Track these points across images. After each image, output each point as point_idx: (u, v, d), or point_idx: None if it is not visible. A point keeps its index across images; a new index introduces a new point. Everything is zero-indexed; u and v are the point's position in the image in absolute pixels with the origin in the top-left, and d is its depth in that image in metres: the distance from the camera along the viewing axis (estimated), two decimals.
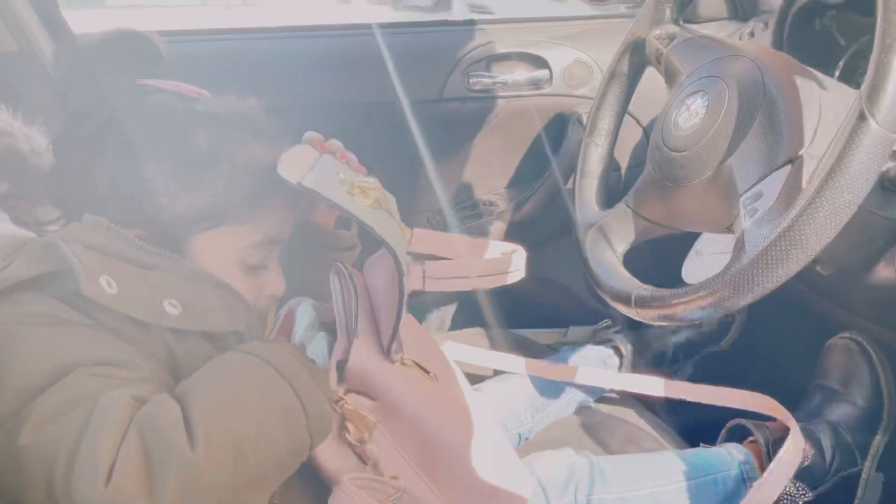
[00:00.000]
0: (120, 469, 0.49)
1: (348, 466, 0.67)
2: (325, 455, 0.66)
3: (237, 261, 0.70)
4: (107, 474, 0.48)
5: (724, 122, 0.69)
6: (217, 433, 0.52)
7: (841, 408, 1.01)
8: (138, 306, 0.59)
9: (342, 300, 0.73)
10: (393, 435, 0.71)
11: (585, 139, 0.93)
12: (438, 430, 0.71)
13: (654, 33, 0.85)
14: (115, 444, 0.50)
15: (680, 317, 0.65)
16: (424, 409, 0.72)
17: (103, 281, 0.58)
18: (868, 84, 0.51)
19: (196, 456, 0.50)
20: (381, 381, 0.70)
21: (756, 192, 0.63)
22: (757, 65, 0.70)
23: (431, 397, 0.74)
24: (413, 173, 1.27)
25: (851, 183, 0.51)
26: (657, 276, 0.80)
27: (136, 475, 0.49)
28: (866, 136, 0.50)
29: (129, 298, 0.59)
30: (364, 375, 0.69)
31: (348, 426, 0.67)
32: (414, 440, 0.71)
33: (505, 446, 0.81)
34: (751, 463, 0.91)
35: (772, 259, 0.56)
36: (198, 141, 0.67)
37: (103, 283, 0.58)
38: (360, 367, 0.69)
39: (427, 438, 0.71)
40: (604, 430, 1.03)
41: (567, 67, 1.28)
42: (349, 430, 0.67)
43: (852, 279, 0.84)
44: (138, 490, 0.49)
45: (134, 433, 0.51)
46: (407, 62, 1.23)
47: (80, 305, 0.58)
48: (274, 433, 0.56)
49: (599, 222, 0.85)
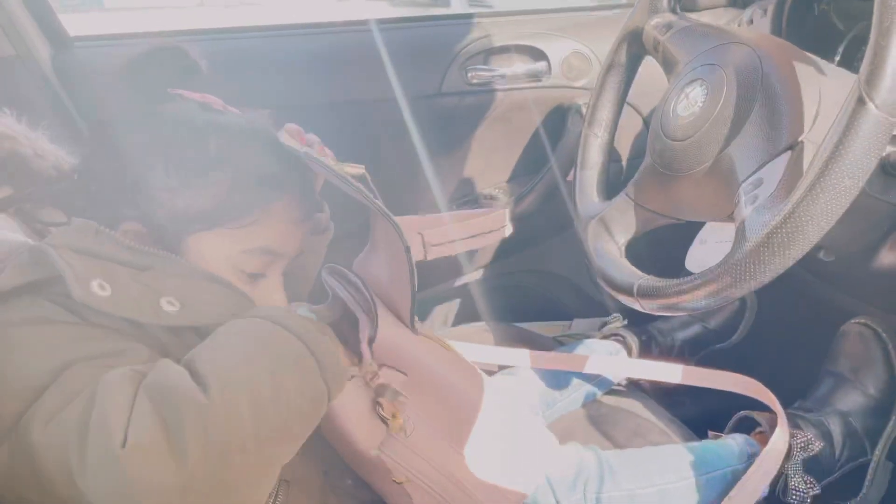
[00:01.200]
0: (135, 429, 0.48)
1: (380, 441, 0.69)
2: (359, 430, 0.69)
3: (231, 265, 0.70)
4: (122, 436, 0.47)
5: (723, 110, 0.69)
6: (228, 380, 0.52)
7: (852, 397, 1.00)
8: (134, 307, 0.59)
9: (349, 288, 0.74)
10: (423, 408, 0.73)
11: (585, 130, 0.92)
12: (465, 397, 0.75)
13: (651, 22, 0.85)
14: (125, 409, 0.49)
15: (682, 306, 0.65)
16: (451, 377, 0.76)
17: (95, 285, 0.58)
18: (866, 68, 0.50)
19: (210, 400, 0.50)
20: (409, 353, 0.74)
21: (756, 179, 0.63)
22: (755, 51, 0.69)
23: (455, 365, 0.78)
24: (413, 169, 1.26)
25: (852, 168, 0.51)
26: (658, 266, 0.80)
27: (153, 431, 0.48)
28: (866, 120, 0.50)
29: (124, 300, 0.59)
30: (393, 349, 0.73)
31: (381, 401, 0.69)
32: (443, 410, 0.74)
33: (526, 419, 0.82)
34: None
35: (773, 246, 0.55)
36: (206, 145, 0.68)
37: (95, 287, 0.57)
38: (389, 341, 0.72)
39: (455, 406, 0.75)
40: (610, 423, 1.03)
41: (565, 59, 1.27)
42: (382, 405, 0.69)
43: (856, 265, 0.84)
44: (157, 445, 0.48)
45: (143, 397, 0.50)
46: (405, 58, 1.22)
47: (73, 308, 0.58)
48: (289, 382, 0.55)
49: (601, 214, 0.85)
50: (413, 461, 0.72)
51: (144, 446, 0.47)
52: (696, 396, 1.00)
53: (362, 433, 0.69)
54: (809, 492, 0.91)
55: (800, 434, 0.93)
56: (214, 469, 0.49)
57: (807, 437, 0.93)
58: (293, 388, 0.55)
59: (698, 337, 1.27)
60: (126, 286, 0.60)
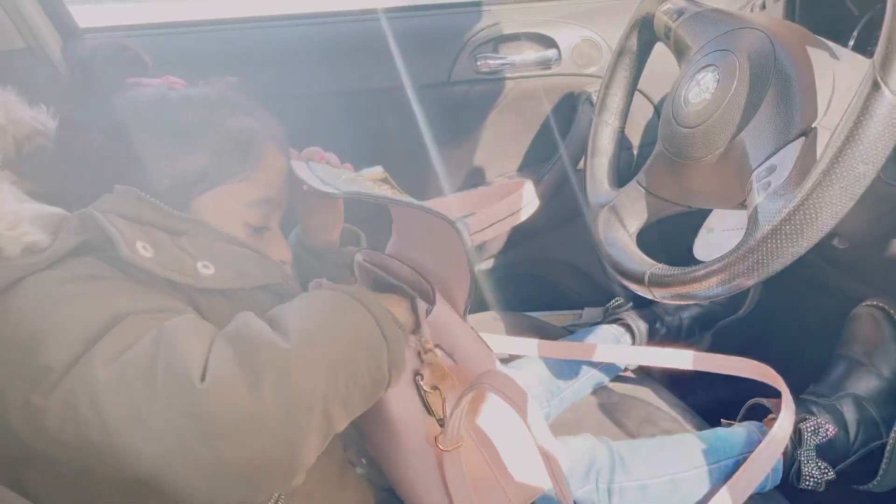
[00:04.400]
0: (214, 365, 0.50)
1: (411, 413, 0.71)
2: (395, 398, 0.69)
3: (239, 221, 0.74)
4: (200, 372, 0.49)
5: (735, 96, 0.68)
6: (310, 338, 0.55)
7: (866, 380, 0.99)
8: (175, 268, 0.63)
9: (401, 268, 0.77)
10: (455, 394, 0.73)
11: (596, 118, 0.92)
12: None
13: (662, 8, 0.84)
14: (203, 350, 0.51)
15: (694, 294, 0.65)
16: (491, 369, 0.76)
17: (140, 246, 0.61)
18: (881, 52, 0.50)
19: (291, 347, 0.53)
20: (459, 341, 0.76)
21: (769, 165, 0.62)
22: (768, 36, 0.69)
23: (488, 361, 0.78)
24: (423, 158, 1.26)
25: (866, 154, 0.50)
26: (668, 254, 0.80)
27: (232, 367, 0.50)
28: (880, 105, 0.49)
29: (166, 261, 0.63)
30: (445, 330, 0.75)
31: (423, 371, 0.72)
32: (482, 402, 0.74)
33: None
34: None
35: (786, 233, 0.55)
36: (186, 114, 0.72)
37: (140, 248, 0.61)
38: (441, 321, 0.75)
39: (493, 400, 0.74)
40: (621, 411, 1.03)
41: (576, 46, 1.26)
42: (424, 375, 0.71)
43: (870, 252, 0.83)
44: (236, 381, 0.50)
45: (221, 340, 0.52)
46: (413, 46, 1.22)
47: (120, 267, 0.61)
48: (361, 359, 0.58)
49: (612, 202, 0.84)
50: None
51: (225, 382, 0.49)
52: (706, 383, 1.00)
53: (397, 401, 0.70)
54: (824, 477, 0.90)
55: (811, 419, 0.93)
56: (284, 417, 0.51)
57: (817, 421, 0.93)
58: (364, 365, 0.58)
59: (705, 313, 1.27)
60: (167, 248, 0.64)
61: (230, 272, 0.67)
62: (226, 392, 0.49)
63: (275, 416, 0.51)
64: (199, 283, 0.64)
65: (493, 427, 0.74)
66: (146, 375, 0.50)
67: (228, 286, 0.66)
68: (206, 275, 0.65)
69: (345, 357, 0.57)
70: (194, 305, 0.64)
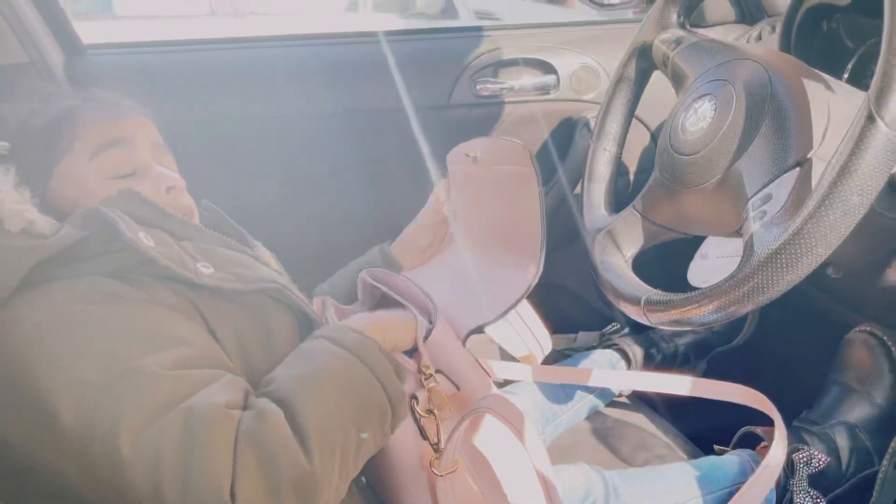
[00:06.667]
0: (242, 484, 0.52)
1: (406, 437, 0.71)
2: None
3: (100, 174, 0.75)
4: (228, 490, 0.51)
5: (732, 126, 0.69)
6: (327, 444, 0.57)
7: (859, 407, 0.99)
8: (177, 260, 0.66)
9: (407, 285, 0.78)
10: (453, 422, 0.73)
11: (593, 144, 0.92)
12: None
13: (660, 37, 0.85)
14: (229, 461, 0.52)
15: (689, 320, 0.65)
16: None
17: (142, 235, 0.64)
18: (876, 85, 0.50)
19: (313, 467, 0.55)
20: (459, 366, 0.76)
21: (765, 194, 0.63)
22: (764, 67, 0.70)
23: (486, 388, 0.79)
24: (421, 180, 1.27)
25: (861, 185, 0.51)
26: (664, 280, 0.80)
27: (259, 487, 0.52)
28: (875, 137, 0.50)
29: (167, 253, 0.65)
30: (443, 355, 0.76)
31: (418, 395, 0.72)
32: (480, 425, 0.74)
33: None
34: None
35: (781, 262, 0.55)
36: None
37: (143, 237, 0.64)
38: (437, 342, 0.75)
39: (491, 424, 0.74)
40: (615, 437, 1.02)
41: (574, 72, 1.28)
42: (419, 399, 0.72)
43: (863, 282, 0.84)
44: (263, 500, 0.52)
45: (245, 449, 0.53)
46: (414, 69, 1.23)
47: (129, 280, 0.63)
48: (370, 435, 0.61)
49: (608, 227, 0.85)
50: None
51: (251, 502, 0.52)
52: (700, 408, 0.99)
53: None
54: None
55: (804, 449, 0.93)
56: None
57: (810, 452, 0.93)
58: (371, 440, 0.62)
59: (702, 340, 1.27)
60: (168, 244, 0.68)
61: (229, 274, 0.69)
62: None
63: None
64: (198, 279, 0.66)
65: (490, 451, 0.74)
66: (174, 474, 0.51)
67: (227, 286, 0.68)
68: (205, 272, 0.67)
69: (355, 446, 0.60)
70: (195, 307, 0.66)
